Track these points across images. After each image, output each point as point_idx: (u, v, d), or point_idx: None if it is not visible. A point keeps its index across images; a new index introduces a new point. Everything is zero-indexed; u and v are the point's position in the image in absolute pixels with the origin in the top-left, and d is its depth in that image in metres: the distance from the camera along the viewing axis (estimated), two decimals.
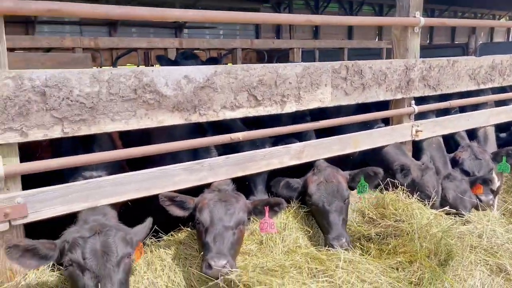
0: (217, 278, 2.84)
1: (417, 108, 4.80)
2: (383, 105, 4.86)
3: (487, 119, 5.53)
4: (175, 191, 3.36)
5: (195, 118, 3.36)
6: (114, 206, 3.15)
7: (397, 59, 4.70)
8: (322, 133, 4.44)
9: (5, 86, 2.57)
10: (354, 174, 4.07)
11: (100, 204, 3.03)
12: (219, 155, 3.79)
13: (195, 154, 3.72)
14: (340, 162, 4.65)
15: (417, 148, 5.00)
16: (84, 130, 2.90)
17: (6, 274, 2.77)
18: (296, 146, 4.06)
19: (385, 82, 4.50)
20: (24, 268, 2.68)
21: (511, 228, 3.83)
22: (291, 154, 4.01)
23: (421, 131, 4.84)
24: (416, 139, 4.86)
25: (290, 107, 3.88)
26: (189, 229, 3.57)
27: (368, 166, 4.52)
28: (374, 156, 4.68)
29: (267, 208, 3.41)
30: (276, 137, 4.14)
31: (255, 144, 4.06)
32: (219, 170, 3.59)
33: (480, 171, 4.89)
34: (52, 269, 2.93)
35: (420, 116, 4.97)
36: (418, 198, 4.13)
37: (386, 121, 4.99)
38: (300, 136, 4.34)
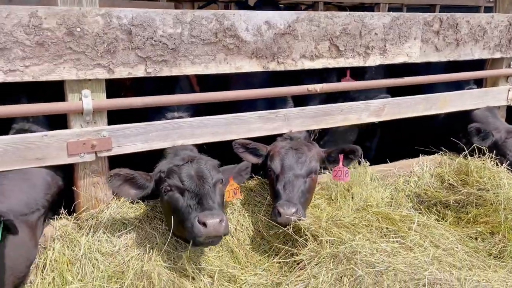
0: (285, 226, 2.85)
1: None
2: (474, 66, 4.42)
3: None
4: (248, 139, 3.37)
5: (272, 66, 3.28)
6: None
7: (499, 14, 4.20)
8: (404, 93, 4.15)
9: (95, 23, 2.67)
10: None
11: (177, 144, 3.13)
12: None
13: (271, 104, 3.67)
14: (417, 124, 4.36)
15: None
16: (166, 71, 2.96)
17: (92, 202, 2.99)
18: (377, 102, 3.87)
19: (483, 38, 4.07)
20: (122, 195, 2.89)
21: None
22: (370, 111, 3.83)
23: None
24: None
25: (374, 60, 3.66)
26: (260, 177, 3.59)
27: (452, 130, 4.22)
28: (459, 120, 4.33)
29: (341, 156, 3.32)
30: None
31: None
32: (294, 121, 3.53)
33: None
34: (132, 201, 3.12)
35: None
36: (508, 167, 3.80)
37: (477, 84, 4.56)
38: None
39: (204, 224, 2.46)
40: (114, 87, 3.16)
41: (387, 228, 3.09)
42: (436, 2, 11.25)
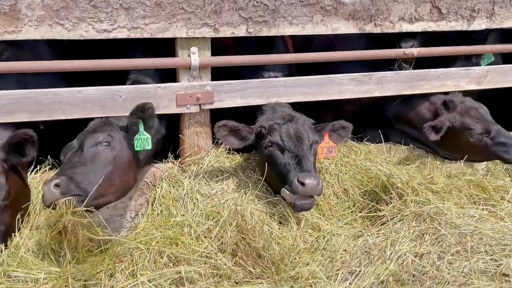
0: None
1: None
2: None
3: None
4: (340, 100, 3.47)
5: (369, 29, 3.31)
6: None
7: None
8: None
9: None
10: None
11: (271, 101, 3.34)
12: None
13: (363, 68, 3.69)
14: None
15: None
16: (265, 32, 3.15)
17: (194, 149, 3.36)
18: (479, 69, 3.70)
19: None
20: (227, 144, 3.19)
21: None
22: (470, 78, 3.68)
23: None
24: None
25: (479, 24, 3.49)
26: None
27: None
28: None
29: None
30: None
31: None
32: (387, 85, 3.54)
33: None
34: (228, 152, 3.43)
35: None
36: None
37: None
38: None
39: (303, 184, 2.65)
40: (218, 47, 3.44)
41: (477, 196, 3.04)
42: None
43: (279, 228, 2.78)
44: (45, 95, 2.84)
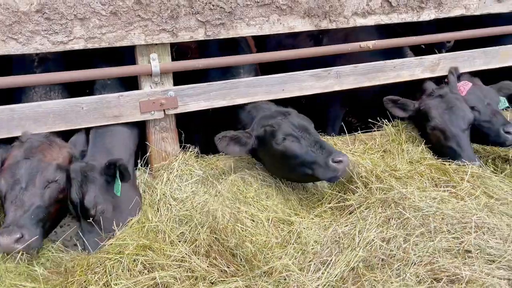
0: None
1: None
2: None
3: None
4: (301, 97, 3.55)
5: (325, 25, 3.40)
6: None
7: None
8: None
9: None
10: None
11: (236, 103, 3.38)
12: None
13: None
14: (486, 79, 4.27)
15: None
16: (223, 34, 3.19)
17: (162, 155, 3.36)
18: (432, 57, 3.85)
19: None
20: (229, 153, 3.24)
21: None
22: (424, 66, 3.84)
23: None
24: None
25: (428, 15, 3.64)
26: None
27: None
28: None
29: None
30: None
31: None
32: (346, 78, 3.64)
33: None
34: (196, 156, 3.46)
35: None
36: None
37: None
38: None
39: (340, 161, 2.86)
40: (181, 51, 3.47)
41: (438, 178, 3.17)
42: None
43: (252, 226, 2.82)
44: (2, 113, 2.80)
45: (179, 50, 3.25)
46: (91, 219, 2.73)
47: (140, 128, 3.33)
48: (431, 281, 2.30)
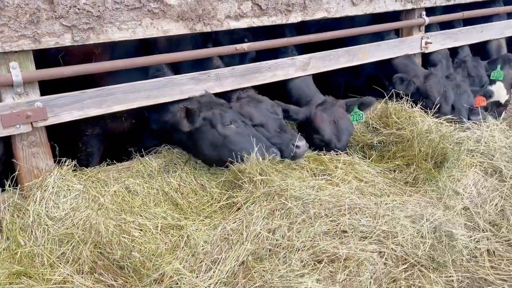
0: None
1: (427, 19, 4.72)
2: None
3: (501, 31, 5.39)
4: (183, 100, 3.54)
5: (199, 28, 3.44)
6: None
7: None
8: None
9: None
10: (350, 103, 4.12)
11: (113, 110, 3.24)
12: None
13: (202, 66, 3.84)
14: (352, 74, 4.72)
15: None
16: (93, 39, 3.04)
17: (34, 172, 3.08)
18: (302, 57, 4.13)
19: None
20: (182, 128, 3.30)
21: (511, 135, 3.92)
22: (296, 66, 4.10)
23: (431, 43, 4.79)
24: (426, 51, 4.84)
25: (296, 17, 3.90)
26: None
27: (379, 78, 4.60)
28: (384, 68, 4.72)
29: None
30: None
31: None
32: (225, 80, 3.73)
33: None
34: (75, 170, 3.23)
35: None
36: (422, 108, 4.23)
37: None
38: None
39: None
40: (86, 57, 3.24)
41: (316, 168, 3.42)
42: None
43: (140, 235, 2.74)
44: None
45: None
46: None
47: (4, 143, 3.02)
48: (314, 264, 2.47)
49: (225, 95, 3.76)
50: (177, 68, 3.70)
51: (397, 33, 4.91)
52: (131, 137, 3.57)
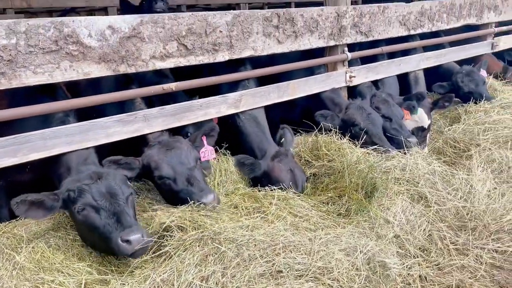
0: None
1: (350, 55, 4.97)
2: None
3: (417, 63, 5.80)
4: (109, 144, 3.38)
5: (123, 69, 3.34)
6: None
7: (328, 6, 4.79)
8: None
9: None
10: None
11: (30, 159, 3.02)
12: None
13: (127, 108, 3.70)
14: (287, 107, 4.79)
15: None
16: (5, 84, 2.85)
17: None
18: (234, 95, 4.14)
19: (317, 29, 4.60)
20: (32, 218, 2.89)
21: (432, 161, 4.14)
22: (228, 103, 4.10)
23: (355, 76, 5.03)
24: (350, 84, 5.06)
25: (223, 56, 3.92)
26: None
27: (311, 111, 4.70)
28: (314, 102, 4.85)
29: (204, 138, 3.72)
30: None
31: None
32: (155, 121, 3.63)
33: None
34: None
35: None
36: (351, 138, 4.37)
37: None
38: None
39: (128, 241, 2.66)
40: None
41: (251, 206, 3.37)
42: (292, 0, 12.24)
43: None
44: None
45: None
46: None
47: None
48: None
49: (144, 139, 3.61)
50: (102, 109, 3.56)
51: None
52: (43, 186, 3.23)
